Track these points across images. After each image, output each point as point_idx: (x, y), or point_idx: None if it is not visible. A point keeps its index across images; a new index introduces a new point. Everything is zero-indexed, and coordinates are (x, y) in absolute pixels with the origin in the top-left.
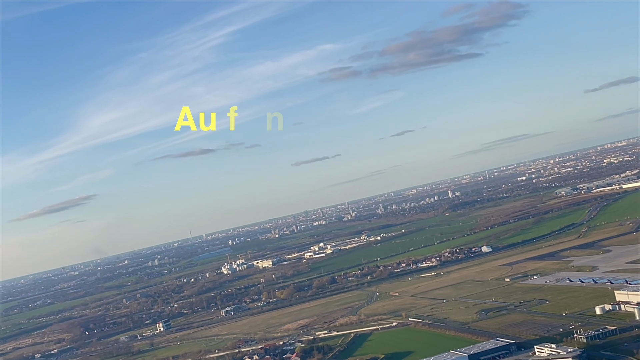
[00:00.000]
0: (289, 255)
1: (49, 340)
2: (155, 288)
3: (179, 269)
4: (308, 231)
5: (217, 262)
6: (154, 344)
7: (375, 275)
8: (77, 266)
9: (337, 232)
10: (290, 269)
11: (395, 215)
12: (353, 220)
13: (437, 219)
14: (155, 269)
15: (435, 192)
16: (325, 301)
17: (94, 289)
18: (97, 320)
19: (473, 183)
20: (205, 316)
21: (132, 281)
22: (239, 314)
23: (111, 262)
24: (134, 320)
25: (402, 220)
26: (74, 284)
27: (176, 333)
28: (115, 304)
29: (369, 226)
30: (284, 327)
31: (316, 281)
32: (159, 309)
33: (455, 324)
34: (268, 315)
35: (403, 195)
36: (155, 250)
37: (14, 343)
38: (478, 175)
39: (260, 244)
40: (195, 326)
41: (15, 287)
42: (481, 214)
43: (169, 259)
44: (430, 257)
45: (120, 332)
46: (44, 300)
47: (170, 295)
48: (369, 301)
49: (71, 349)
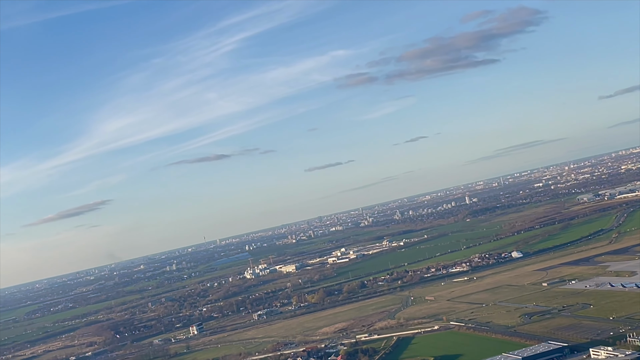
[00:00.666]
0: (311, 260)
1: (80, 343)
2: (179, 292)
3: (199, 274)
4: (325, 237)
5: (237, 267)
6: (190, 346)
7: (406, 280)
8: (92, 271)
9: (356, 237)
10: (316, 273)
11: (413, 221)
12: (370, 226)
13: (459, 225)
14: (174, 274)
15: (450, 198)
16: (359, 305)
17: (114, 293)
18: (125, 323)
19: (488, 189)
20: (237, 320)
21: (153, 285)
22: (271, 317)
23: (126, 267)
24: (164, 324)
25: (422, 226)
26: (93, 289)
27: (210, 336)
28: (140, 308)
29: (388, 232)
30: (321, 331)
31: (346, 285)
32: (188, 312)
33: (499, 327)
34: (302, 318)
35: (417, 202)
36: (170, 255)
37: (44, 346)
38: (492, 182)
39: (278, 249)
40: (229, 329)
41: (32, 291)
42: (503, 220)
43: (187, 264)
44: (460, 262)
45: (152, 335)
46: (65, 304)
47: (196, 300)
48: (404, 305)
49: (105, 351)
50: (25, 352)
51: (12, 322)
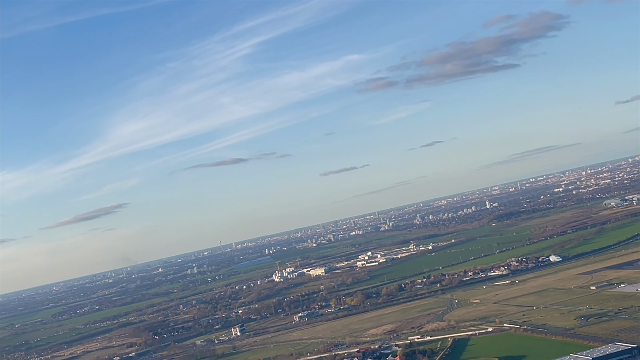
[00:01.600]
0: (337, 264)
1: (119, 344)
2: (207, 295)
3: (224, 277)
4: (346, 241)
5: (261, 270)
6: (236, 347)
7: (445, 283)
8: (108, 274)
9: (379, 241)
10: (348, 276)
11: (435, 226)
12: (390, 230)
13: (485, 229)
14: (196, 277)
15: (468, 203)
16: (401, 308)
17: (139, 295)
18: (161, 325)
19: (506, 194)
20: (277, 321)
21: (178, 288)
22: (312, 319)
23: (143, 270)
24: (203, 326)
25: (446, 231)
26: (115, 291)
27: (254, 337)
28: (171, 310)
29: (411, 236)
30: (369, 332)
31: (384, 288)
32: (223, 314)
33: (557, 329)
34: (345, 320)
35: (434, 206)
36: (186, 258)
37: (81, 347)
38: (507, 187)
39: (299, 253)
40: (272, 331)
41: (50, 293)
42: (531, 224)
43: (207, 267)
44: (498, 266)
45: (192, 336)
46: (90, 306)
47: (228, 302)
48: (450, 308)
49: (148, 352)
50: (64, 353)
51: (39, 323)
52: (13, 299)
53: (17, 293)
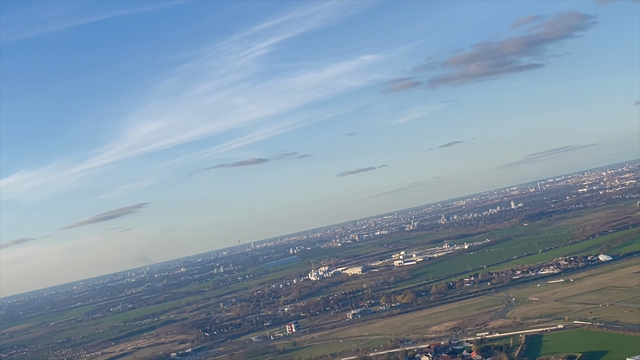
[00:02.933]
0: (371, 263)
1: (169, 341)
2: (244, 293)
3: (253, 276)
4: (371, 240)
5: (291, 270)
6: (296, 343)
7: (495, 282)
8: (128, 273)
9: (407, 241)
10: (390, 275)
11: (463, 226)
12: (416, 230)
13: (519, 229)
14: (224, 276)
15: (489, 203)
16: (456, 305)
17: (170, 294)
18: (206, 322)
19: (526, 194)
20: (329, 319)
21: (209, 287)
22: (366, 317)
23: (163, 269)
24: (252, 323)
25: (476, 230)
26: (143, 290)
27: (310, 334)
28: (212, 308)
29: (441, 236)
30: (431, 329)
31: (433, 287)
32: (269, 312)
33: (633, 326)
34: (400, 318)
35: (454, 206)
36: (205, 257)
37: (129, 344)
38: (526, 187)
39: (325, 252)
40: (327, 327)
41: (73, 292)
42: (566, 224)
43: (234, 266)
44: (546, 265)
45: (244, 333)
46: (123, 305)
47: (270, 300)
48: (509, 306)
49: (204, 347)
50: (114, 349)
51: (74, 321)
52: (35, 297)
53: (38, 292)
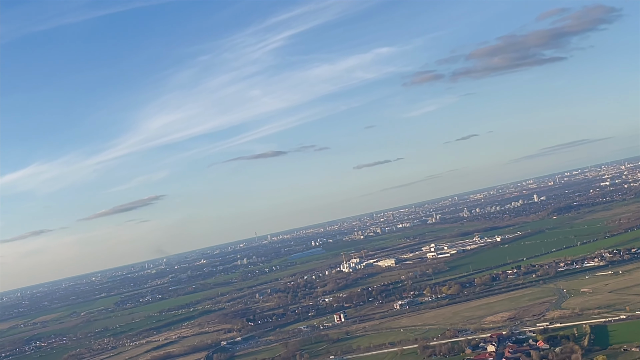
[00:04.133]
0: (403, 255)
1: (214, 330)
2: (275, 284)
3: (281, 268)
4: (394, 233)
5: (318, 262)
6: (349, 332)
7: (540, 274)
8: (145, 264)
9: (433, 234)
10: (427, 267)
11: (487, 219)
12: (439, 222)
13: (549, 222)
14: (249, 267)
15: (508, 196)
16: (505, 297)
17: (198, 285)
18: (246, 312)
19: (546, 188)
20: (374, 309)
21: (237, 278)
22: (413, 307)
23: (181, 261)
24: (296, 313)
25: (504, 223)
26: (168, 281)
27: (361, 324)
28: (248, 299)
29: (467, 228)
30: (486, 320)
31: (477, 278)
32: (310, 302)
33: None
34: (450, 309)
35: (472, 199)
36: (222, 249)
37: (172, 333)
38: (543, 180)
39: (349, 245)
40: (376, 317)
41: (94, 283)
42: (598, 217)
43: (257, 258)
44: (590, 257)
45: (290, 322)
46: (152, 295)
47: (306, 291)
48: (562, 297)
49: (253, 336)
50: (158, 338)
51: (105, 311)
52: (54, 288)
53: (56, 282)
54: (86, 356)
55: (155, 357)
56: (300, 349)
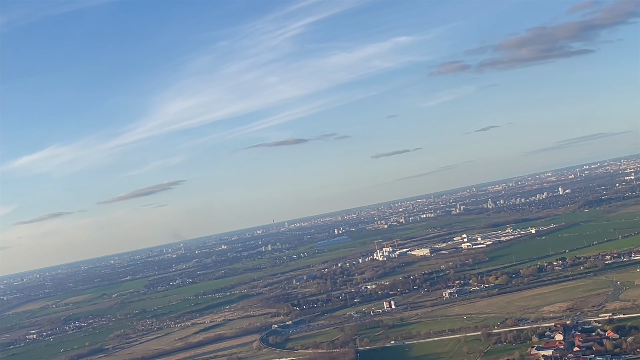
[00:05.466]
0: (435, 245)
1: (259, 314)
2: (309, 271)
3: (308, 255)
4: (418, 223)
5: (346, 250)
6: (403, 318)
7: (588, 266)
8: (163, 248)
9: (460, 224)
10: (462, 257)
11: (513, 211)
12: (463, 213)
13: (581, 215)
14: (275, 254)
15: (528, 189)
16: (557, 288)
17: (227, 270)
18: (287, 297)
19: (567, 181)
20: (423, 297)
21: (264, 264)
22: (464, 296)
23: (199, 246)
24: (340, 299)
25: (533, 216)
26: (193, 266)
27: (413, 311)
28: (285, 284)
29: (493, 220)
30: (543, 309)
31: (523, 269)
32: (352, 289)
33: None
34: (502, 298)
35: (491, 191)
36: (240, 235)
37: (216, 315)
38: (561, 173)
39: (374, 234)
40: (427, 305)
41: (115, 266)
42: (632, 211)
43: (281, 245)
44: (636, 251)
45: (336, 308)
46: (182, 279)
47: (344, 278)
48: (617, 289)
49: (303, 321)
50: (203, 320)
51: (136, 294)
52: (74, 270)
53: (73, 264)
54: (132, 336)
55: (208, 338)
56: (356, 334)
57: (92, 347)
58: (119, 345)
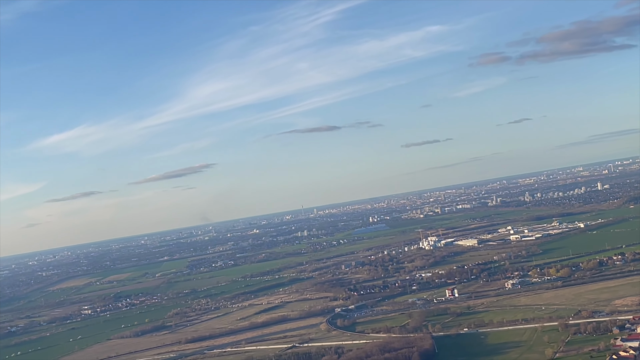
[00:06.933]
0: (481, 236)
1: (316, 297)
2: (354, 257)
3: (348, 242)
4: (454, 213)
5: (386, 238)
6: (470, 307)
7: None
8: (193, 230)
9: (499, 216)
10: (517, 249)
11: (553, 204)
12: (500, 205)
13: (629, 211)
14: (312, 239)
15: (562, 183)
16: (623, 282)
17: (267, 254)
18: (339, 282)
19: (602, 176)
20: (484, 287)
21: (305, 250)
22: (527, 287)
23: (229, 229)
24: (397, 286)
25: (576, 210)
26: (230, 248)
27: (478, 300)
28: (333, 269)
29: (534, 213)
30: (615, 303)
31: (583, 263)
32: (406, 277)
33: None
34: (569, 290)
35: (522, 184)
36: (269, 220)
37: (272, 297)
38: (592, 168)
39: (410, 223)
40: (492, 295)
41: (146, 246)
42: None
43: (317, 231)
44: None
45: (395, 295)
46: (224, 262)
47: (394, 265)
48: None
49: (365, 305)
50: (260, 301)
51: (180, 274)
52: (104, 249)
53: (102, 243)
54: (191, 315)
55: (272, 319)
56: (425, 320)
57: (154, 324)
58: (181, 323)
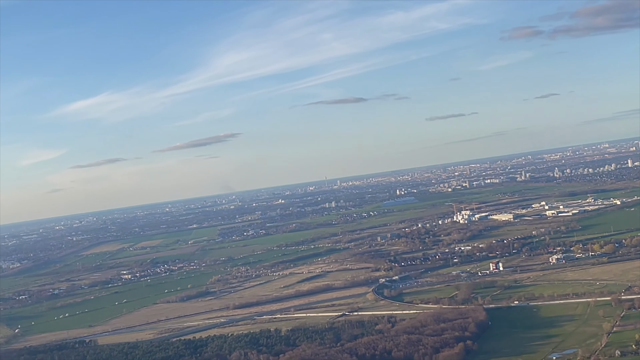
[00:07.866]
0: (516, 211)
1: (357, 268)
2: (388, 229)
3: (378, 214)
4: (483, 188)
5: (416, 211)
6: (517, 280)
7: None
8: (216, 199)
9: (531, 192)
10: (555, 224)
11: (584, 181)
12: (529, 181)
13: None
14: (341, 211)
15: (589, 159)
16: None
17: (299, 224)
18: (379, 254)
19: (629, 153)
20: (527, 261)
21: (336, 221)
22: (571, 262)
23: (252, 199)
24: (437, 259)
25: (609, 187)
26: (258, 217)
27: (523, 274)
28: (370, 240)
29: (566, 189)
30: None
31: (626, 239)
32: (446, 249)
33: None
34: (615, 266)
35: (549, 159)
36: (293, 190)
37: (311, 267)
38: (618, 144)
39: (440, 197)
40: (537, 269)
41: (171, 213)
42: None
43: (345, 203)
44: None
45: (438, 267)
46: (255, 230)
47: (431, 238)
48: None
49: (408, 277)
50: (301, 270)
51: (214, 242)
52: (130, 215)
53: (127, 209)
54: (233, 282)
55: (316, 287)
56: (473, 292)
57: (198, 290)
58: (224, 289)
